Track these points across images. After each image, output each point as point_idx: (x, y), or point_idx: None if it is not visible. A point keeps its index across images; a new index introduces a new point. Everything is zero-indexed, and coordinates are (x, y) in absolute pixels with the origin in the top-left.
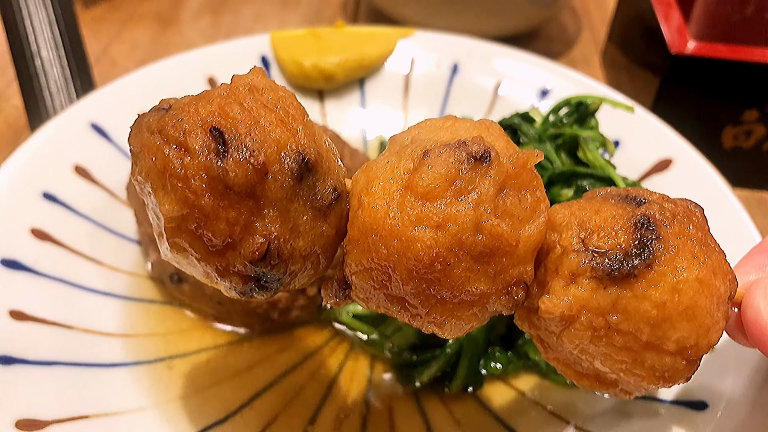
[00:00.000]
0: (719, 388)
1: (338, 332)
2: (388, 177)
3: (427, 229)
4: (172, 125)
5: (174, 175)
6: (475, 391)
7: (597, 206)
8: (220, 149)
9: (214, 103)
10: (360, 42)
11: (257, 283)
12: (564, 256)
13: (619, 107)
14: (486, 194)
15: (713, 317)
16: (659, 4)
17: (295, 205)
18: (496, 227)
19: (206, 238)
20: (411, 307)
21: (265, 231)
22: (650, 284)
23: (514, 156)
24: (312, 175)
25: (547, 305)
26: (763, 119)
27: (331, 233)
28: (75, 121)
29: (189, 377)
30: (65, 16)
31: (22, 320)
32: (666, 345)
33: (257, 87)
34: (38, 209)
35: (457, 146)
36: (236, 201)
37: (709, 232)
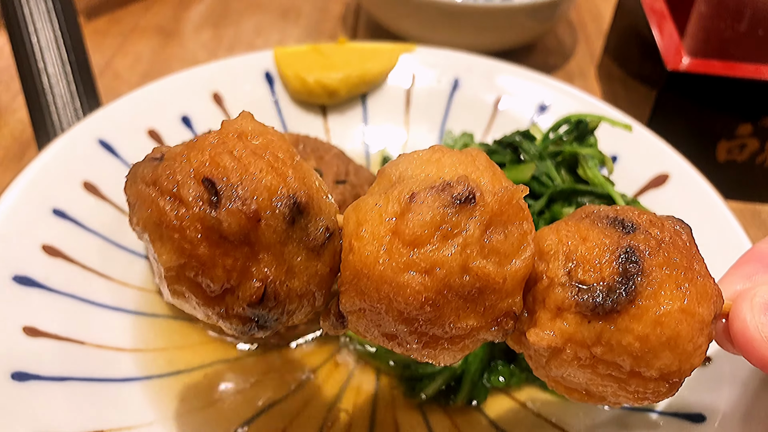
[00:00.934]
0: (716, 400)
1: (344, 346)
2: (376, 221)
3: (416, 274)
4: (165, 177)
5: (170, 226)
6: (479, 404)
7: (584, 232)
8: (212, 200)
9: (205, 153)
10: (362, 58)
11: (256, 324)
12: (550, 288)
13: (617, 126)
14: (471, 236)
15: (696, 343)
16: (654, 19)
17: (289, 248)
18: (483, 268)
19: (205, 285)
20: (405, 343)
21: (261, 275)
22: (633, 318)
23: (499, 193)
24: (304, 217)
25: (533, 338)
26: (756, 133)
27: (325, 271)
28: (83, 138)
29: (199, 391)
30: (71, 33)
31: (36, 336)
32: (649, 372)
33: (246, 133)
34: (49, 226)
35: (442, 189)
36: (231, 249)
37: (697, 253)
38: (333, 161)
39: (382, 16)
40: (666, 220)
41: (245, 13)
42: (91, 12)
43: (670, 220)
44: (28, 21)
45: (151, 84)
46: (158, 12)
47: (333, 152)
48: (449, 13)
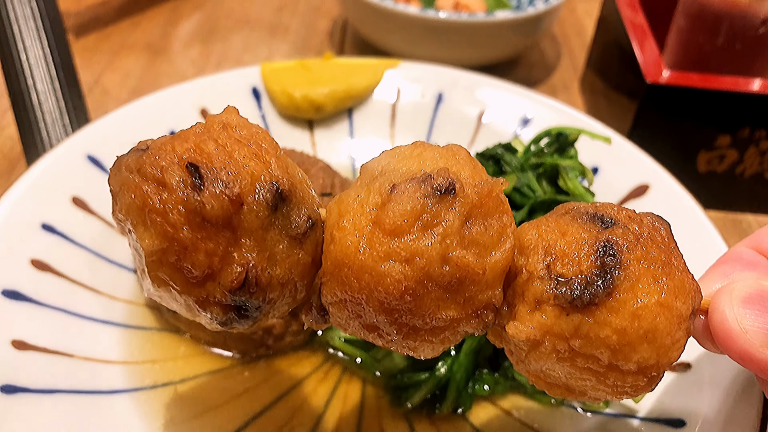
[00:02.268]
0: (696, 405)
1: (331, 356)
2: (357, 212)
3: (396, 264)
4: (149, 164)
5: (153, 210)
6: (464, 412)
7: (564, 227)
8: (196, 183)
9: (190, 141)
10: (348, 73)
11: (237, 313)
12: (529, 282)
13: (597, 138)
14: (451, 227)
15: (674, 337)
16: (634, 33)
17: (271, 234)
18: (462, 258)
19: (186, 270)
20: (385, 334)
21: (243, 260)
22: (611, 311)
23: (479, 185)
24: (286, 204)
25: (513, 331)
26: (735, 144)
27: (307, 260)
28: (71, 154)
29: (187, 402)
30: (59, 50)
31: (24, 350)
32: (627, 366)
33: (231, 124)
34: (38, 240)
35: (422, 180)
36: (214, 232)
37: (675, 249)
38: (319, 174)
39: (369, 32)
40: (645, 216)
41: (234, 29)
42: (81, 29)
43: (649, 216)
44: (17, 38)
45: (139, 99)
46: (147, 29)
47: (318, 165)
48: (434, 29)
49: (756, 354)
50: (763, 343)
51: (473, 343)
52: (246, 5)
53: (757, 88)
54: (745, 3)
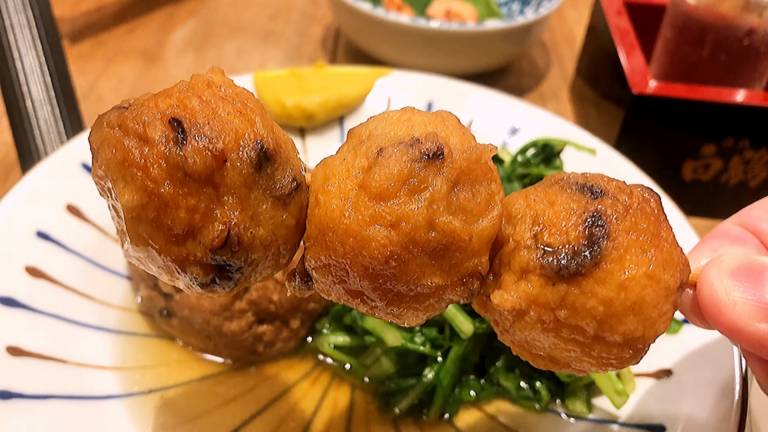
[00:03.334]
0: (677, 411)
1: (320, 362)
2: (343, 175)
3: (381, 228)
4: (131, 119)
5: (134, 164)
6: (451, 417)
7: (553, 197)
8: (179, 138)
9: (173, 97)
10: (339, 82)
11: (219, 274)
12: (516, 251)
13: (582, 150)
14: (439, 192)
15: (660, 309)
16: (622, 44)
17: (255, 194)
18: (449, 224)
19: (166, 228)
20: (369, 300)
21: (225, 218)
22: (597, 282)
23: (467, 151)
24: (271, 164)
25: (497, 299)
26: (719, 153)
27: (291, 223)
28: (66, 161)
29: (179, 408)
30: (55, 59)
31: (19, 356)
32: (613, 337)
33: (216, 83)
34: (33, 247)
35: (410, 144)
36: (195, 188)
37: (665, 221)
38: None
39: (361, 40)
40: (635, 188)
41: (227, 36)
42: (75, 35)
43: (639, 187)
44: (12, 47)
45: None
46: (141, 36)
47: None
48: (426, 38)
49: (745, 326)
50: (751, 315)
51: (459, 350)
52: (240, 12)
53: (741, 99)
54: (729, 15)
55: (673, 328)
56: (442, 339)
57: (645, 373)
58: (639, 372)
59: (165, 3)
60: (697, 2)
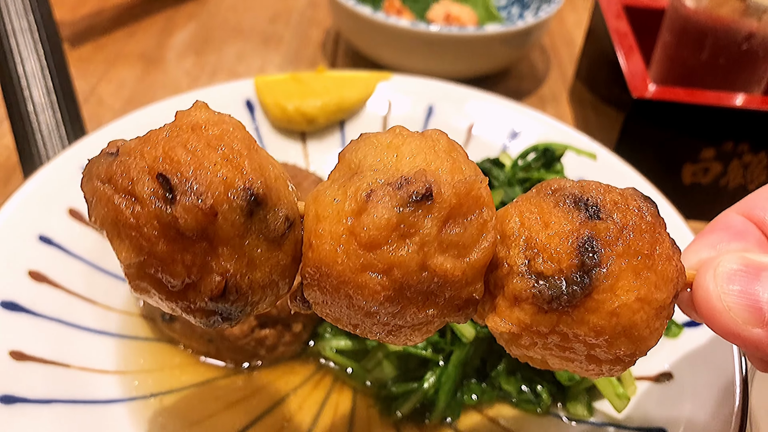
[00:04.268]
0: (677, 414)
1: (322, 366)
2: (333, 220)
3: (374, 275)
4: (119, 174)
5: (126, 224)
6: (453, 421)
7: (547, 215)
8: (167, 196)
9: (159, 147)
10: (340, 86)
11: (221, 316)
12: (510, 276)
13: (582, 154)
14: (429, 234)
15: (652, 327)
16: (621, 47)
17: (249, 240)
18: (441, 266)
19: (166, 281)
20: (368, 332)
21: (222, 269)
22: (588, 311)
23: (457, 185)
24: (262, 208)
25: (492, 324)
26: (719, 157)
27: (287, 261)
28: (68, 166)
29: (181, 411)
30: (56, 63)
31: (22, 360)
32: (605, 356)
33: (200, 124)
34: (35, 252)
35: (398, 186)
36: (190, 245)
37: (661, 233)
38: (311, 188)
39: (361, 44)
40: (631, 200)
41: (227, 40)
42: (76, 39)
43: (635, 200)
44: (14, 51)
45: (134, 112)
46: (142, 39)
47: (311, 179)
48: (426, 41)
49: (740, 332)
50: (746, 320)
51: (461, 354)
52: (240, 16)
53: (740, 103)
54: (728, 19)
55: (673, 332)
56: (444, 343)
57: (645, 376)
58: (639, 375)
59: (165, 6)
60: (696, 6)
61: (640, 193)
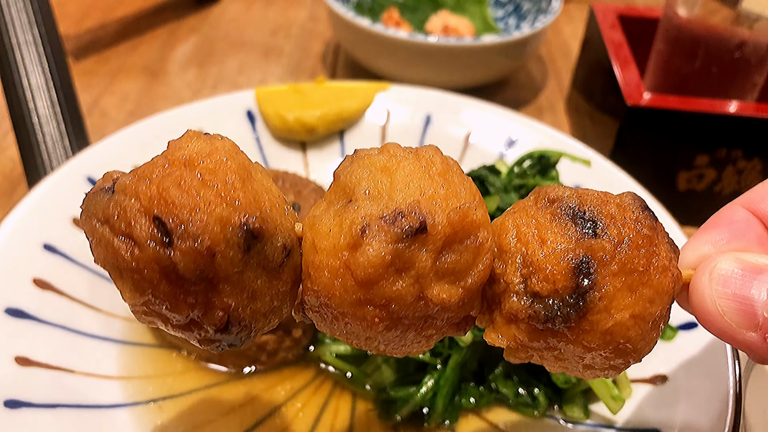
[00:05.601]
0: (672, 416)
1: (322, 371)
2: (330, 252)
3: (372, 308)
4: (116, 216)
5: (127, 268)
6: (451, 424)
7: (544, 232)
8: (164, 240)
9: (153, 186)
10: (339, 96)
11: (226, 344)
12: (507, 294)
13: (576, 161)
14: (424, 267)
15: (647, 338)
16: (616, 56)
17: (248, 274)
18: (437, 296)
19: (170, 317)
20: (370, 348)
21: (223, 305)
22: (583, 331)
23: (451, 215)
24: (259, 241)
25: (490, 339)
26: (713, 164)
27: (287, 287)
28: (72, 176)
29: (183, 416)
30: (60, 75)
31: (28, 366)
32: (599, 367)
33: (192, 159)
34: (39, 260)
35: (392, 222)
36: (191, 285)
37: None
38: (311, 196)
39: (360, 55)
40: (628, 211)
41: (229, 52)
42: (80, 52)
43: (632, 210)
44: (19, 64)
45: (137, 123)
46: (144, 52)
47: (311, 187)
48: (424, 52)
49: (734, 335)
50: (740, 324)
51: (459, 358)
52: (241, 29)
53: (733, 110)
54: (721, 28)
55: (668, 335)
56: (442, 347)
57: (641, 378)
58: (635, 378)
59: (167, 20)
60: (689, 16)
61: (638, 202)
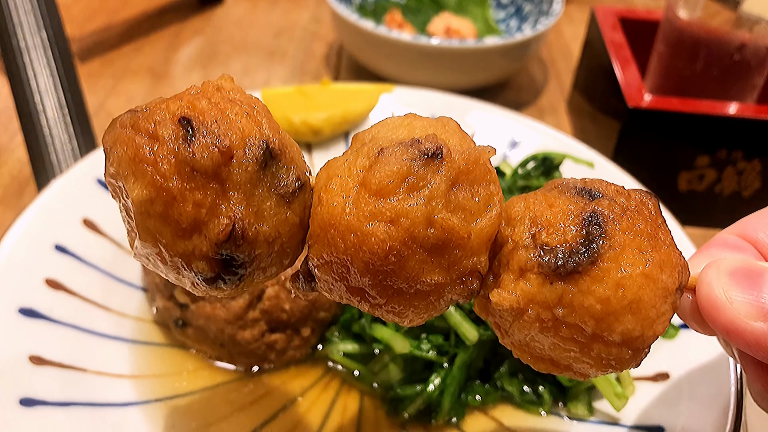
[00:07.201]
0: (675, 412)
1: (330, 369)
2: (345, 174)
3: (381, 224)
4: (143, 119)
5: (144, 160)
6: (458, 422)
7: (551, 200)
8: (188, 135)
9: (184, 100)
10: (345, 98)
11: (223, 269)
12: (514, 251)
13: (580, 163)
14: (437, 189)
15: (659, 309)
16: (617, 58)
17: (259, 191)
18: (447, 221)
19: (173, 221)
20: (371, 298)
21: (230, 213)
22: (594, 280)
23: (466, 152)
24: (275, 162)
25: (496, 298)
26: (713, 164)
27: (295, 221)
28: (82, 178)
29: (193, 414)
30: (68, 77)
31: (41, 365)
32: (611, 336)
33: (225, 88)
34: (51, 261)
35: (410, 144)
36: (202, 183)
37: (663, 224)
38: None
39: (364, 58)
40: (633, 192)
41: (233, 54)
42: (85, 55)
43: (637, 191)
44: (27, 67)
45: None
46: (149, 54)
47: None
48: (427, 54)
49: (741, 325)
50: (748, 314)
51: (465, 357)
52: (244, 31)
53: (733, 112)
54: (721, 30)
55: (670, 333)
56: (448, 346)
57: (644, 376)
58: (638, 376)
59: (171, 22)
60: (690, 18)
61: (641, 189)
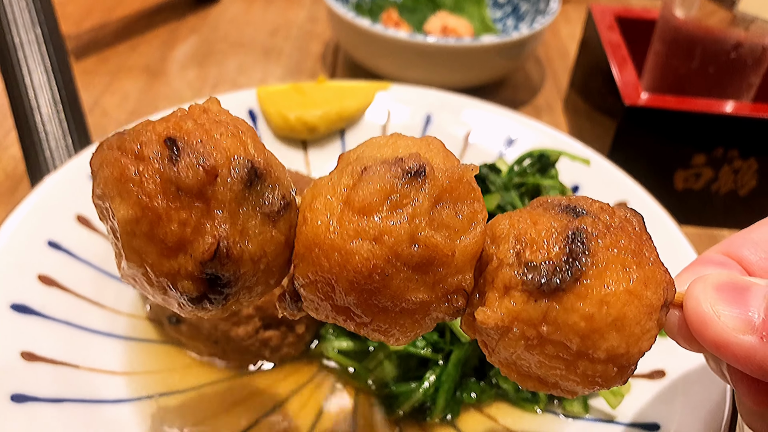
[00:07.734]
0: (670, 409)
1: (325, 367)
2: (329, 193)
3: (365, 242)
4: (129, 140)
5: (129, 179)
6: (453, 419)
7: (536, 217)
8: (173, 155)
9: (170, 121)
10: (340, 95)
11: (209, 288)
12: (499, 268)
13: (576, 160)
14: (420, 207)
15: (644, 326)
16: (614, 57)
17: (244, 209)
18: (431, 239)
19: (159, 241)
20: (356, 316)
21: (215, 231)
22: (578, 297)
23: (450, 170)
24: (261, 181)
25: (481, 316)
26: (710, 163)
27: (280, 240)
28: (75, 174)
29: (186, 411)
30: (62, 74)
31: (33, 361)
32: (596, 354)
33: (211, 110)
34: (44, 257)
35: (394, 162)
36: (187, 202)
37: (648, 241)
38: None
39: (360, 56)
40: (618, 209)
41: (229, 52)
42: (80, 52)
43: (622, 208)
44: (22, 63)
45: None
46: (145, 52)
47: None
48: (423, 53)
49: (729, 339)
50: (735, 328)
51: (460, 354)
52: (240, 29)
53: (729, 110)
54: (717, 29)
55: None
56: (443, 343)
57: (639, 374)
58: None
59: (167, 20)
60: (686, 17)
61: (626, 206)
